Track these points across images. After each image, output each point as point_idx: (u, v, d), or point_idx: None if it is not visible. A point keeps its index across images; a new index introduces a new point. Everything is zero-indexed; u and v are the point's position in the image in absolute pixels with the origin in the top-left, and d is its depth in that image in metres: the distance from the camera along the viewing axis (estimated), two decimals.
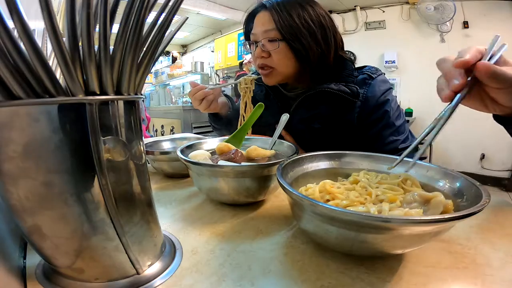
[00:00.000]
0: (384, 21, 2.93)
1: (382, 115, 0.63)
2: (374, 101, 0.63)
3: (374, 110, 0.63)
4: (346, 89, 0.63)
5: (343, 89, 0.62)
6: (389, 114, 0.63)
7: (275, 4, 0.61)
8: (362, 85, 0.65)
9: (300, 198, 0.24)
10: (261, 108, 0.57)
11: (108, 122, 0.20)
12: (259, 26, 0.64)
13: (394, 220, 0.21)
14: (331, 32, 0.63)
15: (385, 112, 0.63)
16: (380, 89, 0.64)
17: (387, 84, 0.67)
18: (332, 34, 0.63)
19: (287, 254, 0.29)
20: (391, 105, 0.64)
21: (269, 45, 0.63)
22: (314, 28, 0.60)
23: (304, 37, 0.59)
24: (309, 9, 0.61)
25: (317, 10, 0.62)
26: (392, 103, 0.65)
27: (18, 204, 0.20)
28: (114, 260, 0.23)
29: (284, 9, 0.60)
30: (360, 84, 0.65)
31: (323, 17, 0.62)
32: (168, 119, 3.34)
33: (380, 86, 0.65)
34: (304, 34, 0.59)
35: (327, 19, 0.63)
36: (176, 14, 0.21)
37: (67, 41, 0.17)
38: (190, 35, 4.62)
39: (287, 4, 0.61)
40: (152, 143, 0.62)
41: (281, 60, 0.63)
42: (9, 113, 0.18)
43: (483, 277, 0.25)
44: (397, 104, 0.67)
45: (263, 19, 0.63)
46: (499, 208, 0.40)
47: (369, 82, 0.65)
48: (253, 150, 0.46)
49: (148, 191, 0.25)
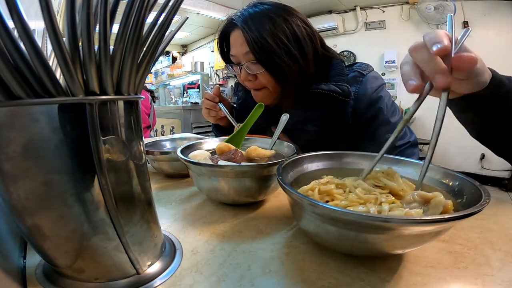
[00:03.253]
0: (384, 21, 2.93)
1: (376, 113, 0.61)
2: (366, 99, 0.61)
3: (367, 108, 0.61)
4: (336, 88, 0.59)
5: (334, 88, 0.59)
6: (383, 111, 0.61)
7: (243, 23, 0.56)
8: (353, 83, 0.62)
9: (300, 198, 0.24)
10: (261, 108, 0.57)
11: (108, 122, 0.20)
12: (238, 48, 0.59)
13: (394, 220, 0.21)
14: (307, 40, 0.58)
15: (379, 109, 0.61)
16: (372, 86, 0.62)
17: (379, 80, 0.64)
18: (310, 41, 0.58)
19: (287, 254, 0.29)
20: (385, 101, 0.62)
21: (254, 67, 0.59)
22: (289, 45, 0.55)
23: (279, 57, 0.54)
24: (281, 23, 0.55)
25: (290, 20, 0.57)
26: (385, 99, 0.62)
27: (18, 204, 0.20)
28: (114, 260, 0.23)
29: (255, 27, 0.54)
30: (351, 82, 0.62)
31: (297, 27, 0.57)
32: (168, 119, 3.34)
33: (372, 83, 0.62)
34: (278, 54, 0.54)
35: (303, 27, 0.58)
36: (176, 14, 0.21)
37: (67, 41, 0.17)
38: (190, 35, 4.62)
39: (257, 21, 0.55)
40: (152, 143, 0.62)
41: (267, 81, 0.60)
42: (9, 113, 0.18)
43: (483, 277, 0.25)
44: (392, 100, 0.65)
45: (241, 40, 0.57)
46: (499, 208, 0.40)
47: (360, 80, 0.62)
48: (253, 150, 0.46)
49: (148, 191, 0.25)
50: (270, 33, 0.54)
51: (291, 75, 0.57)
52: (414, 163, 0.35)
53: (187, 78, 3.81)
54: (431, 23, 2.58)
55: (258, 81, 0.61)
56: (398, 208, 0.26)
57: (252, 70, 0.59)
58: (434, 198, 0.26)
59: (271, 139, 0.52)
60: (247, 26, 0.55)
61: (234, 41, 0.60)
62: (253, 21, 0.55)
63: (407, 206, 0.28)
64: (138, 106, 0.24)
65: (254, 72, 0.59)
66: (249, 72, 0.60)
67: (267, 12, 0.56)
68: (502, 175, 2.47)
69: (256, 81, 0.61)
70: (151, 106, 2.64)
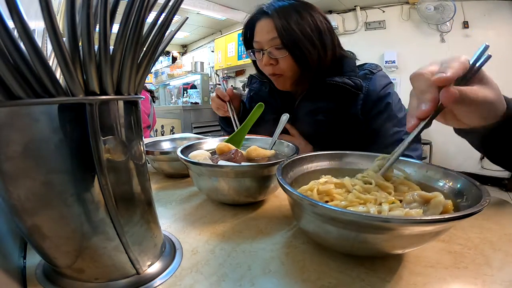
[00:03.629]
0: (384, 21, 2.93)
1: (385, 107, 0.64)
2: (375, 94, 0.65)
3: (376, 102, 0.65)
4: (350, 81, 0.64)
5: (347, 81, 0.64)
6: (391, 107, 0.65)
7: (274, 12, 0.62)
8: (363, 79, 0.66)
9: (300, 198, 0.24)
10: (261, 108, 0.57)
11: (108, 122, 0.20)
12: (264, 34, 0.65)
13: (394, 220, 0.21)
14: (327, 34, 0.65)
15: (387, 104, 0.64)
16: (381, 83, 0.66)
17: (388, 79, 0.69)
18: (329, 36, 0.65)
19: (287, 254, 0.29)
20: (393, 98, 0.66)
21: (277, 52, 0.64)
22: (311, 34, 0.62)
23: (303, 44, 0.61)
24: (306, 16, 0.63)
25: (315, 15, 0.64)
26: (393, 96, 0.66)
27: (18, 204, 0.20)
28: (114, 260, 0.23)
29: (283, 17, 0.61)
30: (362, 79, 0.66)
31: (320, 21, 0.64)
32: (168, 119, 3.34)
33: (380, 81, 0.66)
34: (303, 41, 0.61)
35: (324, 23, 0.65)
36: (176, 14, 0.21)
37: (67, 41, 0.17)
38: (190, 35, 4.62)
39: (286, 11, 0.62)
40: (152, 143, 0.62)
41: (289, 67, 0.65)
42: (9, 113, 0.18)
43: (483, 277, 0.25)
44: (398, 98, 0.69)
45: (267, 27, 0.64)
46: (499, 208, 0.40)
47: (370, 77, 0.66)
48: (253, 150, 0.46)
49: (148, 191, 0.25)
50: (297, 22, 0.61)
51: (311, 61, 0.63)
52: (414, 163, 0.35)
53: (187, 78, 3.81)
54: (431, 23, 2.58)
55: (278, 66, 0.66)
56: (398, 208, 0.26)
57: (274, 55, 0.65)
58: (434, 198, 0.26)
59: (271, 139, 0.52)
60: (277, 14, 0.62)
61: (261, 28, 0.66)
62: (283, 11, 0.62)
63: (407, 206, 0.28)
64: (138, 106, 0.24)
65: (277, 56, 0.65)
66: (271, 57, 0.65)
67: (294, 5, 0.64)
68: (502, 175, 2.47)
69: (276, 66, 0.66)
70: (151, 106, 2.64)
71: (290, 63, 0.65)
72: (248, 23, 0.70)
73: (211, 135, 2.86)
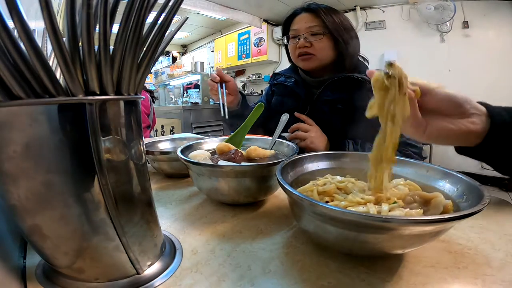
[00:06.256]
0: (384, 21, 2.93)
1: None
2: None
3: None
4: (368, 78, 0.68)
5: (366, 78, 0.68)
6: None
7: (319, 8, 0.80)
8: None
9: (300, 198, 0.24)
10: (261, 108, 0.57)
11: (108, 122, 0.20)
12: (302, 24, 0.80)
13: (394, 220, 0.21)
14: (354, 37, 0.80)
15: None
16: None
17: None
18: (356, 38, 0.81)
19: (287, 254, 0.29)
20: None
21: (312, 37, 0.79)
22: (343, 30, 0.78)
23: (342, 33, 0.77)
24: (342, 18, 0.80)
25: (347, 20, 0.81)
26: None
27: (18, 204, 0.20)
28: (114, 260, 0.23)
29: (328, 13, 0.79)
30: None
31: (351, 26, 0.81)
32: (168, 119, 3.34)
33: None
34: (342, 31, 0.77)
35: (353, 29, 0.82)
36: (176, 14, 0.21)
37: (67, 41, 0.17)
38: (190, 35, 4.62)
39: (329, 10, 0.80)
40: (152, 143, 0.62)
41: (322, 48, 0.79)
42: (9, 113, 0.18)
43: (483, 277, 0.25)
44: None
45: (306, 18, 0.80)
46: (499, 208, 0.40)
47: None
48: (253, 150, 0.46)
49: (148, 191, 0.25)
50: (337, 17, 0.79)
51: (341, 47, 0.78)
52: (415, 163, 0.35)
53: (187, 78, 3.81)
54: (431, 23, 2.58)
55: (311, 48, 0.80)
56: (398, 208, 0.26)
57: (310, 39, 0.79)
58: (434, 198, 0.26)
59: (271, 139, 0.52)
60: (321, 10, 0.79)
61: (301, 19, 0.81)
62: (327, 9, 0.80)
63: (407, 206, 0.28)
64: (138, 106, 0.24)
65: (312, 40, 0.79)
66: (307, 41, 0.80)
67: (334, 9, 0.82)
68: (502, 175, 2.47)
69: (310, 48, 0.80)
70: (150, 106, 2.64)
71: (325, 46, 0.78)
72: (292, 14, 0.85)
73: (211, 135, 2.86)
